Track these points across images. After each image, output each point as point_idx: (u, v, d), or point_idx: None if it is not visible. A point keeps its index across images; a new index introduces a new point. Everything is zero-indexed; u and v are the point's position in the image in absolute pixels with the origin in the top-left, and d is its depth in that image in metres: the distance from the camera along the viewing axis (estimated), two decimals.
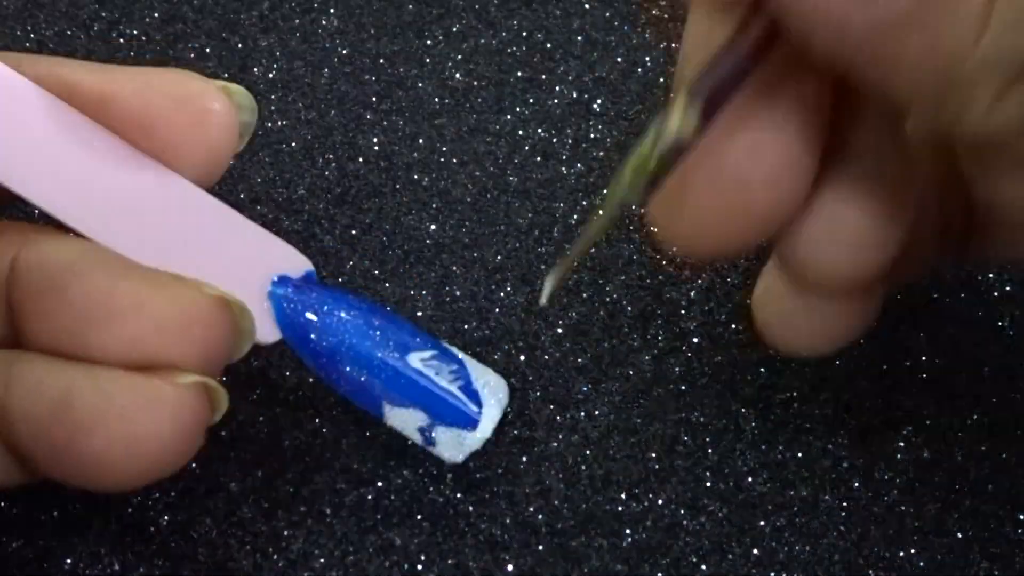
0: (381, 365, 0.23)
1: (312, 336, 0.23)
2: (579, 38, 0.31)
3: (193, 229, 0.22)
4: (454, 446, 0.23)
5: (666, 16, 0.31)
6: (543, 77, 0.30)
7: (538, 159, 0.29)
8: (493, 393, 0.24)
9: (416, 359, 0.23)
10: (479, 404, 0.23)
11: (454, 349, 0.24)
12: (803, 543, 0.24)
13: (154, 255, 0.21)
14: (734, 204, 0.18)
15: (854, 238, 0.19)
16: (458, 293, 0.27)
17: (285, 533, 0.24)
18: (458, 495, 0.25)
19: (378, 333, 0.23)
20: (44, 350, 0.19)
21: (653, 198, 0.18)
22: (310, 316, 0.23)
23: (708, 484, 0.25)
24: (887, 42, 0.15)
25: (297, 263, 0.23)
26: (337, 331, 0.23)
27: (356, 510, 0.24)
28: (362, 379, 0.23)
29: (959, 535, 0.24)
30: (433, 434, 0.23)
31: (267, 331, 0.23)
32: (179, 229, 0.22)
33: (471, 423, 0.23)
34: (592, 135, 0.29)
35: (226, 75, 0.30)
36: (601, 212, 0.18)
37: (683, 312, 0.27)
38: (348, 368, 0.23)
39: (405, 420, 0.23)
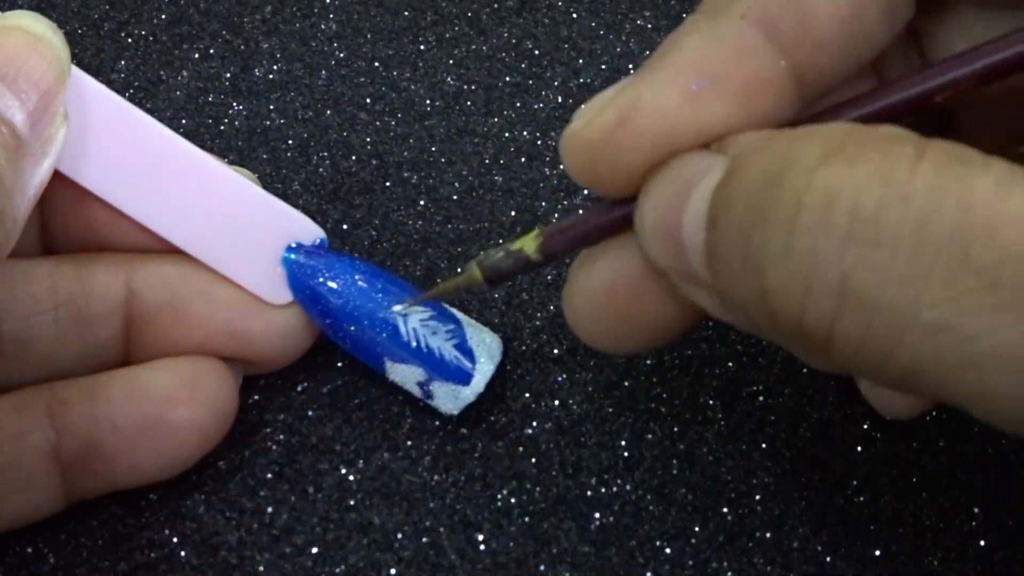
0: (383, 324, 0.25)
1: (320, 298, 0.25)
2: (566, 46, 0.32)
3: (218, 202, 0.25)
4: (450, 400, 0.25)
5: (649, 27, 0.32)
6: (531, 83, 0.31)
7: (523, 160, 0.30)
8: (487, 350, 0.25)
9: (415, 319, 0.25)
10: (473, 361, 0.25)
11: (452, 310, 0.26)
12: (764, 530, 0.25)
13: (183, 226, 0.24)
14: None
15: None
16: None
17: (269, 510, 0.25)
18: (435, 477, 0.25)
19: (381, 295, 0.25)
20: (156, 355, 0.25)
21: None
22: (319, 279, 0.25)
23: (675, 472, 0.25)
24: None
25: (311, 231, 0.26)
26: (343, 293, 0.25)
27: (337, 489, 0.25)
28: (365, 337, 0.25)
29: (914, 525, 0.25)
30: (430, 388, 0.25)
31: (280, 293, 0.25)
32: (206, 202, 0.25)
33: (465, 379, 0.25)
34: None
35: (228, 74, 0.31)
36: (449, 283, 0.23)
37: None
38: (353, 327, 0.25)
39: (405, 375, 0.25)
